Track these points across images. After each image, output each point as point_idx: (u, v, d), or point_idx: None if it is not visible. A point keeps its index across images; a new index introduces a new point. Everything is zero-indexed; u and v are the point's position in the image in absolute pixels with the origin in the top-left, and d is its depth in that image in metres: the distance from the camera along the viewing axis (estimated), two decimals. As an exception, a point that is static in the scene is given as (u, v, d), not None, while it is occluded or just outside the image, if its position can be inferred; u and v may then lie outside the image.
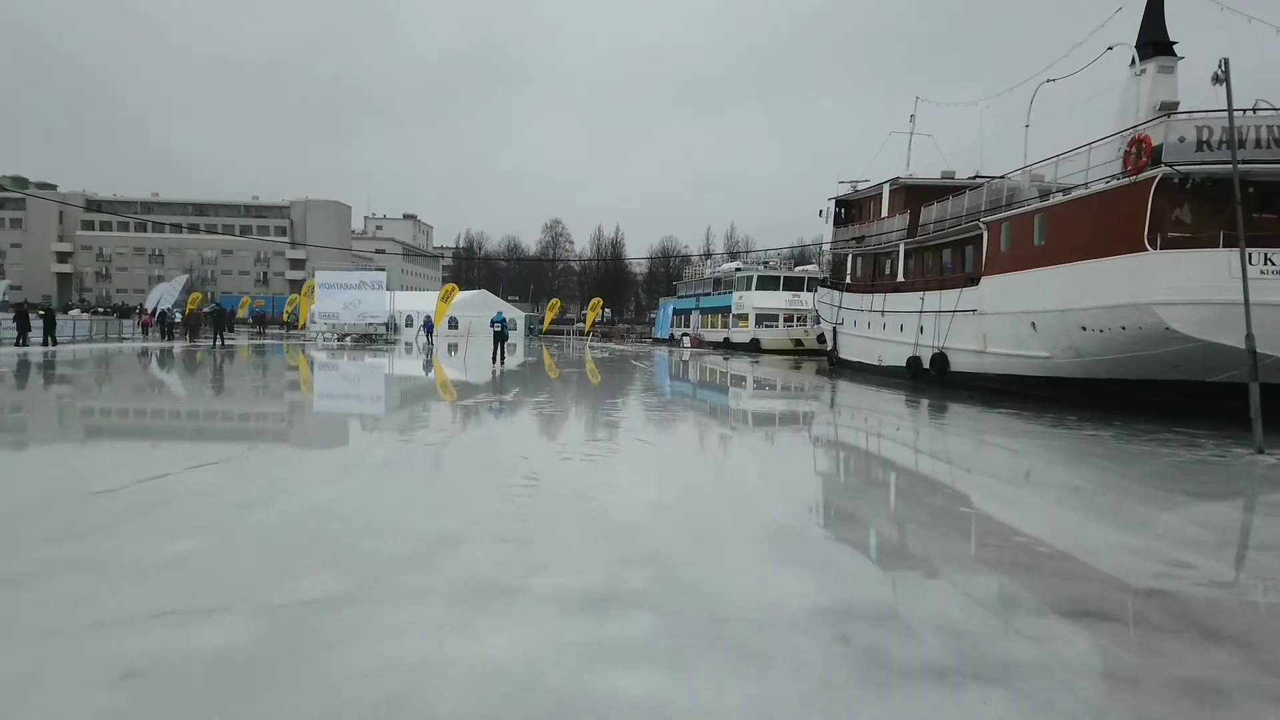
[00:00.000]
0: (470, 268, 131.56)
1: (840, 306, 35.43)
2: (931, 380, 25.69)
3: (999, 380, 22.63)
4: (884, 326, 30.15)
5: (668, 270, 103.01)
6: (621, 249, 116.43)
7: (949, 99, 34.85)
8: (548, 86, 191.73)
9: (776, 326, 55.35)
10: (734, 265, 67.06)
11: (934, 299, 25.94)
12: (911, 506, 8.97)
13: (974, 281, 23.86)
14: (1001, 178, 23.72)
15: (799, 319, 54.81)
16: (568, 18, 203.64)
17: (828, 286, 39.54)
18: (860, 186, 36.49)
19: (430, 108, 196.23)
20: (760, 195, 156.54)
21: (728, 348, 58.51)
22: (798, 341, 51.98)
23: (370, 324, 54.12)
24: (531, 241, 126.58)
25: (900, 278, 29.70)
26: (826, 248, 39.45)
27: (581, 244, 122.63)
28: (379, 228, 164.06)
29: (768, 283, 57.43)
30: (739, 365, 39.00)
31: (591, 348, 56.67)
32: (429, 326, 50.88)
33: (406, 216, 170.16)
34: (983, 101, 32.14)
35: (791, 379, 30.93)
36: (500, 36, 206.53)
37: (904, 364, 27.59)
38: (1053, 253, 19.84)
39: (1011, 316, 21.46)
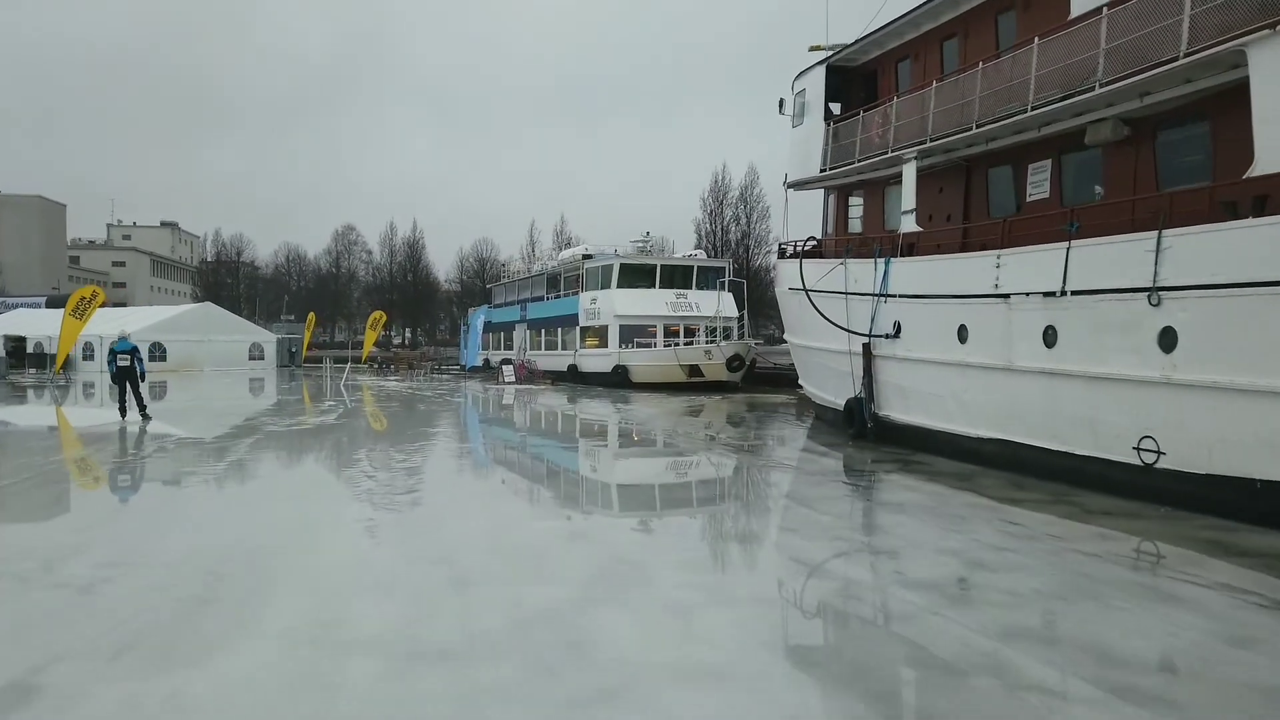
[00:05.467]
0: (234, 282, 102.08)
1: (883, 295, 14.32)
2: None
3: None
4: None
5: (484, 282, 79.30)
6: (421, 250, 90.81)
7: None
8: (397, 96, 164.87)
9: (655, 345, 33.80)
10: (579, 250, 42.32)
11: None
12: None
13: None
14: None
15: (690, 331, 33.87)
16: (424, 21, 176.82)
17: (798, 257, 18.58)
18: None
19: (271, 111, 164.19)
20: (607, 206, 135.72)
21: (574, 380, 36.54)
22: (694, 369, 30.68)
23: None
24: (320, 251, 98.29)
25: None
26: (811, 168, 18.33)
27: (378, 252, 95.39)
28: (126, 236, 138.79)
29: (636, 275, 35.58)
30: (602, 417, 19.63)
31: (346, 387, 33.05)
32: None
33: (165, 224, 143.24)
34: None
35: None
36: (358, 40, 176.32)
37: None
38: None
39: None
